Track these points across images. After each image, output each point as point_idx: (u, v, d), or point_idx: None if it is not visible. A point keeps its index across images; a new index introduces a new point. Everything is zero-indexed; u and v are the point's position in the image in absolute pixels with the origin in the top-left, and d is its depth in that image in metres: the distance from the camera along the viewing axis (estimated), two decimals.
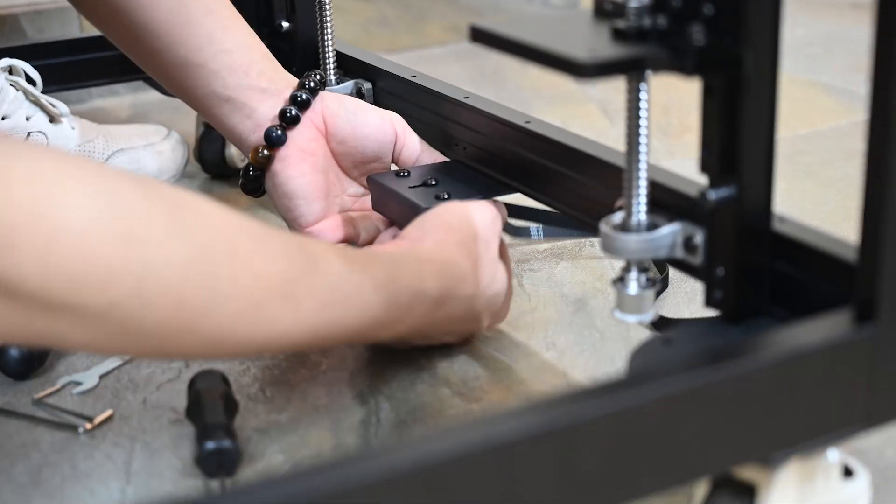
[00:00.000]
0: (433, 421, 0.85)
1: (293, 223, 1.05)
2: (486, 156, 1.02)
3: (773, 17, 0.66)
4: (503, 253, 0.91)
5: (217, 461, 0.78)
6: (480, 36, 0.70)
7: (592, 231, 0.83)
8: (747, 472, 0.67)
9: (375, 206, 1.05)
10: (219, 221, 0.69)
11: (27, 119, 1.23)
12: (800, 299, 0.71)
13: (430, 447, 0.54)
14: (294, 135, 1.03)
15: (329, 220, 1.05)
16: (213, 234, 0.67)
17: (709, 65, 0.66)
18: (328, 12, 1.19)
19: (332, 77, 1.20)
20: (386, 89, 1.17)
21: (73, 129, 1.26)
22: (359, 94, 1.19)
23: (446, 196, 0.98)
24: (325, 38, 1.19)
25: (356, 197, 1.09)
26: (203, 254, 0.66)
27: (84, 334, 0.62)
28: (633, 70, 0.67)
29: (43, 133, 1.23)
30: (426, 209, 0.97)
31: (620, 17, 0.68)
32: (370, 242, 1.06)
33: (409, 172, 1.03)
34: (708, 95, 0.69)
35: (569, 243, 1.15)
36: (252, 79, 1.04)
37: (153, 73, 1.08)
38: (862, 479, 0.71)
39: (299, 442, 0.84)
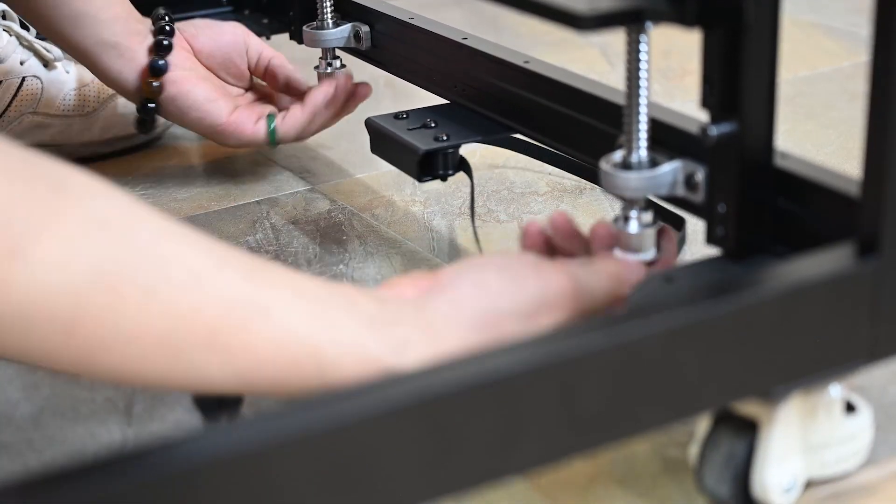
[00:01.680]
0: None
1: (211, 128, 1.16)
2: (484, 97, 1.01)
3: None
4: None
5: (218, 402, 0.77)
6: None
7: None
8: (749, 408, 0.67)
9: (374, 150, 1.05)
10: (145, 242, 0.60)
11: (21, 63, 1.22)
12: (802, 235, 0.70)
13: (429, 380, 0.54)
14: (172, 60, 1.15)
15: (240, 110, 1.17)
16: (130, 261, 0.59)
17: (709, 15, 0.65)
18: None
19: (330, 21, 1.18)
20: (383, 32, 1.16)
21: (67, 73, 1.26)
22: (356, 37, 1.18)
23: (445, 138, 0.98)
24: None
25: (240, 97, 1.21)
26: (108, 284, 0.58)
27: None
28: (632, 21, 0.66)
29: (38, 77, 1.23)
30: (424, 152, 0.96)
31: None
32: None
33: (407, 115, 1.03)
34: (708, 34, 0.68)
35: (569, 185, 1.15)
36: (131, 24, 1.15)
37: (46, 29, 1.16)
38: (864, 416, 0.71)
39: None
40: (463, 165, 0.99)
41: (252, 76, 1.22)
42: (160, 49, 1.14)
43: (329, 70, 1.18)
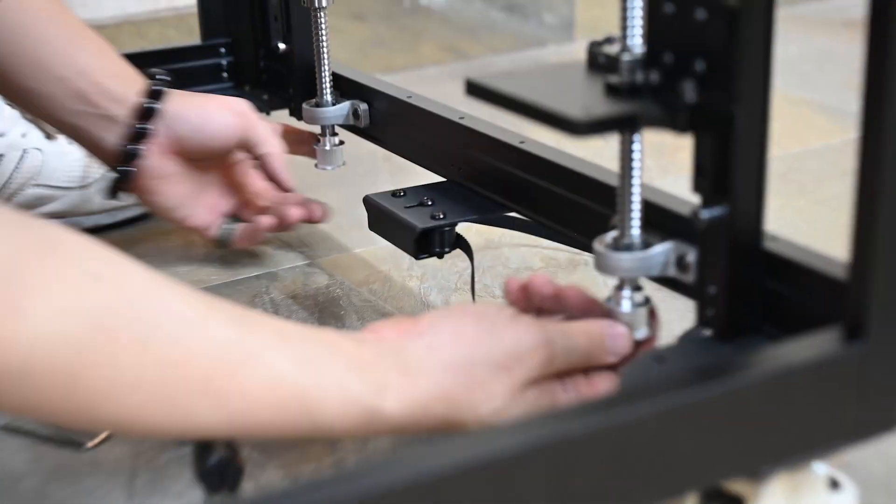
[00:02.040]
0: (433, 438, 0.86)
1: (176, 224, 1.14)
2: (481, 176, 1.03)
3: (764, 72, 0.66)
4: (556, 386, 0.75)
5: (220, 477, 0.77)
6: (476, 90, 0.69)
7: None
8: (736, 486, 0.67)
9: (372, 227, 1.06)
10: (137, 295, 0.62)
11: (23, 136, 1.22)
12: (791, 317, 0.71)
13: (425, 463, 0.55)
14: (143, 164, 1.06)
15: (202, 208, 1.13)
16: (125, 312, 0.61)
17: (700, 123, 0.67)
18: (324, 34, 1.19)
19: (329, 98, 1.20)
20: (382, 110, 1.18)
21: (70, 143, 1.25)
22: (355, 114, 1.19)
23: (442, 216, 0.99)
24: (322, 59, 1.19)
25: (212, 182, 1.14)
26: (106, 334, 0.59)
27: None
28: (626, 128, 0.68)
29: (39, 149, 1.23)
30: (421, 230, 0.98)
31: (613, 71, 0.69)
32: (245, 197, 1.16)
33: (404, 192, 1.04)
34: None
35: (563, 261, 1.16)
36: (95, 105, 1.04)
37: (12, 99, 1.08)
38: (849, 492, 0.72)
39: (299, 457, 0.84)
40: (460, 242, 1.00)
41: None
42: (126, 157, 1.06)
43: (328, 147, 1.20)
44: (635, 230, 0.75)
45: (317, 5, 1.17)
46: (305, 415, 0.66)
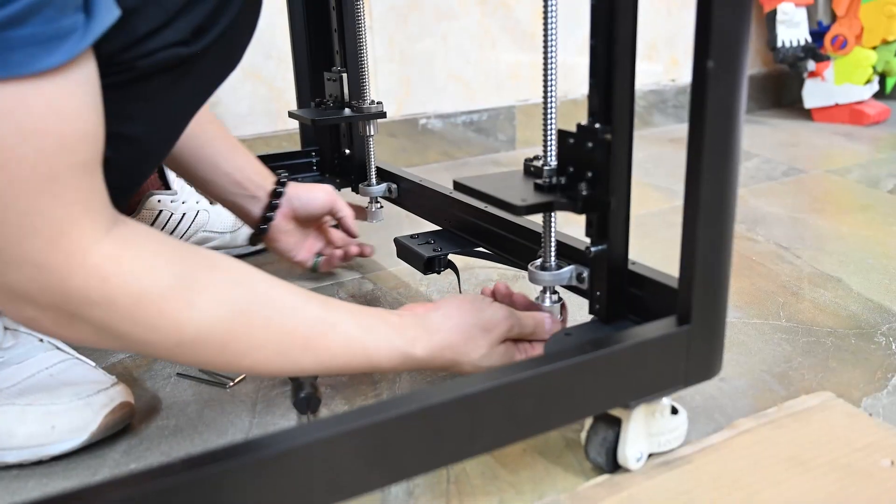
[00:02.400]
0: (437, 379, 0.83)
1: (286, 259, 1.08)
2: (462, 226, 1.00)
3: (627, 177, 0.64)
4: (514, 346, 0.72)
5: (306, 405, 0.75)
6: (460, 187, 0.68)
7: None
8: (616, 411, 0.65)
9: (398, 255, 1.04)
10: (262, 291, 0.59)
11: (196, 202, 1.21)
12: (645, 310, 0.69)
13: (426, 397, 0.52)
14: (274, 224, 1.04)
15: (304, 249, 1.08)
16: (255, 302, 0.58)
17: (590, 208, 0.65)
18: (372, 144, 1.17)
19: (374, 181, 1.18)
20: (405, 188, 1.15)
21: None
22: (389, 190, 1.17)
23: (438, 249, 0.97)
24: (370, 158, 1.17)
25: (311, 233, 1.09)
26: (243, 316, 0.57)
27: (165, 355, 0.56)
28: (546, 211, 0.65)
29: (206, 210, 1.21)
30: (427, 257, 0.95)
31: (539, 176, 0.67)
32: (328, 242, 1.10)
33: (417, 236, 1.02)
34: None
35: (510, 276, 1.14)
36: (246, 189, 1.01)
37: (194, 184, 1.04)
38: (682, 415, 0.69)
39: (353, 394, 0.81)
40: (451, 265, 0.98)
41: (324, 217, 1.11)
42: (264, 220, 1.02)
43: (373, 209, 1.17)
44: (552, 258, 0.73)
45: (368, 133, 1.15)
46: (366, 359, 0.64)
